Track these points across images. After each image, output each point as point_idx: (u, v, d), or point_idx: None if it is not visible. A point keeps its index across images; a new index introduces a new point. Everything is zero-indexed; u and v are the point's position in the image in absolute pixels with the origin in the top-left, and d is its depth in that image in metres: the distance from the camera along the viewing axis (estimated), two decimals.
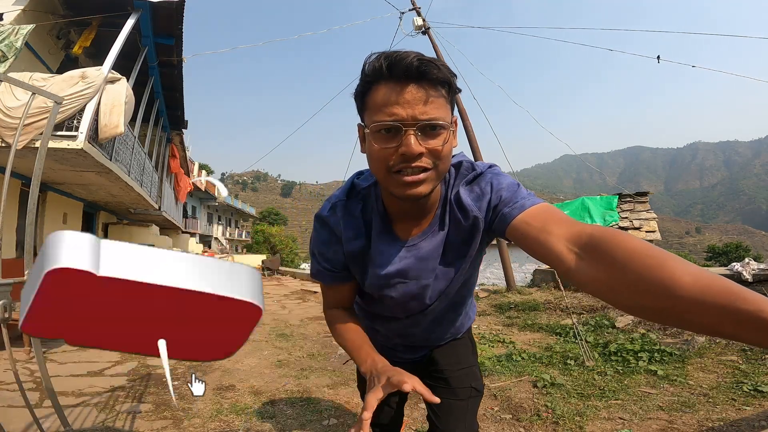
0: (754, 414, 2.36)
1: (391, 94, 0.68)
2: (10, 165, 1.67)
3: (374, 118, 0.70)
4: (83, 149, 4.25)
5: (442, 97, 0.70)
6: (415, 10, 8.89)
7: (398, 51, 0.68)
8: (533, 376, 3.20)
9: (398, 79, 0.67)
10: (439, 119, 0.68)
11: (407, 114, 0.67)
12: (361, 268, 0.93)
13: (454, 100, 0.75)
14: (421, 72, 0.66)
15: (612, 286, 0.54)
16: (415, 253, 0.87)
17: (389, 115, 0.68)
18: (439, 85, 0.69)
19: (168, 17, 5.89)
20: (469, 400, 1.14)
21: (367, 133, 0.73)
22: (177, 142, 11.22)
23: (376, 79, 0.70)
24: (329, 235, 0.91)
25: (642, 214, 8.54)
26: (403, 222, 0.87)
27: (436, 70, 0.67)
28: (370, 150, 0.73)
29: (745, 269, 4.65)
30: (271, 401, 2.90)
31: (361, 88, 0.73)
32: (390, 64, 0.67)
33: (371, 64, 0.70)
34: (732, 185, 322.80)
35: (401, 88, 0.67)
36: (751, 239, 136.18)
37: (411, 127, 0.67)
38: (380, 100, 0.69)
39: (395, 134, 0.69)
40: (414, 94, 0.67)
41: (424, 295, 0.94)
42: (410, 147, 0.67)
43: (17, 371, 1.59)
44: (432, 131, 0.69)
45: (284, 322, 6.02)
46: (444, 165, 0.73)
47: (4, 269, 1.54)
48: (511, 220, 0.74)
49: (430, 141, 0.69)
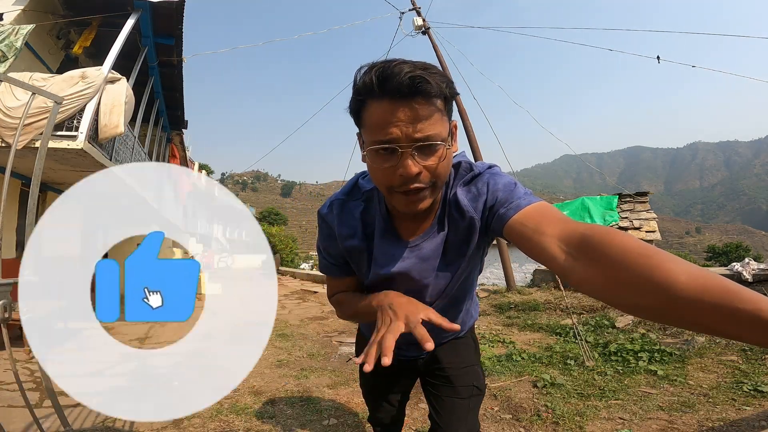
0: (754, 414, 2.36)
1: (384, 114, 0.67)
2: (10, 165, 1.67)
3: (371, 138, 0.70)
4: (83, 149, 4.25)
5: (438, 111, 0.68)
6: (415, 10, 8.90)
7: (389, 63, 0.66)
8: (533, 376, 3.20)
9: (391, 96, 0.66)
10: (435, 136, 0.68)
11: (402, 134, 0.66)
12: (359, 266, 0.95)
13: (452, 106, 0.74)
14: (414, 89, 0.64)
15: (607, 286, 0.54)
16: (417, 253, 0.89)
17: (385, 135, 0.67)
18: (434, 99, 0.67)
19: (168, 17, 5.89)
20: (471, 399, 1.14)
21: (365, 152, 0.73)
22: (177, 142, 11.23)
23: (369, 96, 0.68)
24: (329, 231, 0.94)
25: (642, 214, 8.54)
26: (406, 223, 0.89)
27: (428, 86, 0.65)
28: (371, 168, 0.74)
29: (745, 269, 4.65)
30: (271, 401, 2.90)
31: (354, 105, 0.73)
32: (381, 80, 0.65)
33: (362, 79, 0.68)
34: (732, 185, 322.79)
35: (394, 107, 0.66)
36: (751, 239, 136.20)
37: (407, 148, 0.67)
38: (374, 120, 0.69)
39: (392, 154, 0.69)
40: (407, 114, 0.66)
41: (424, 294, 0.94)
42: (408, 169, 0.68)
43: (17, 371, 1.59)
44: (428, 149, 0.69)
45: (284, 322, 6.02)
46: (442, 179, 0.74)
47: (4, 269, 1.55)
48: (507, 221, 0.75)
49: (428, 159, 0.69)
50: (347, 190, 0.93)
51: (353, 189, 0.93)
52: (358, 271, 0.97)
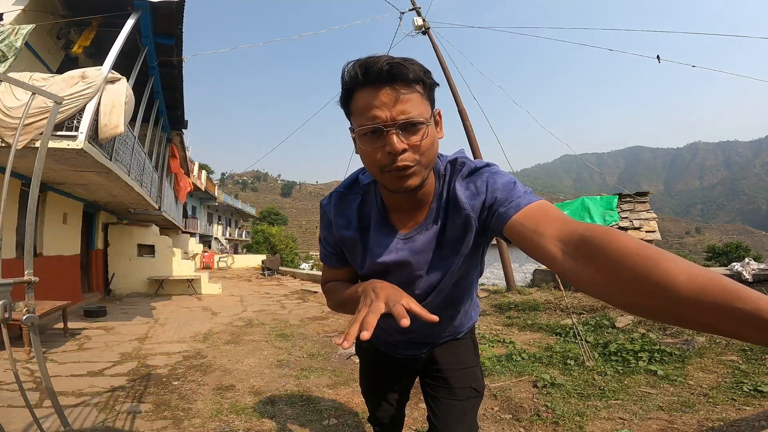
0: (754, 414, 2.36)
1: (369, 99, 0.73)
2: (10, 165, 1.67)
3: (358, 123, 0.77)
4: (83, 149, 4.24)
5: (417, 93, 0.74)
6: (415, 10, 8.89)
7: (371, 57, 0.73)
8: (533, 376, 3.20)
9: (373, 83, 0.72)
10: (416, 116, 0.73)
11: (386, 116, 0.72)
12: (354, 256, 0.99)
13: (432, 94, 0.79)
14: (392, 75, 0.71)
15: (607, 286, 0.54)
16: (410, 245, 0.91)
17: (370, 119, 0.73)
18: (412, 83, 0.73)
19: (168, 17, 5.89)
20: (469, 401, 1.14)
21: (355, 137, 0.79)
22: (177, 142, 11.22)
23: (354, 86, 0.75)
24: (327, 221, 0.99)
25: (642, 214, 8.53)
26: (400, 215, 0.92)
27: (405, 70, 0.71)
28: (361, 152, 0.79)
29: (745, 269, 4.65)
30: (271, 401, 2.90)
31: (343, 97, 0.79)
32: (364, 70, 0.72)
33: (348, 73, 0.75)
34: (732, 185, 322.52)
35: (377, 91, 0.73)
36: (751, 239, 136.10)
37: (391, 127, 0.73)
38: (361, 106, 0.75)
39: (379, 135, 0.74)
40: (390, 96, 0.72)
41: (415, 286, 0.95)
42: (393, 146, 0.73)
43: (17, 371, 1.59)
44: (412, 128, 0.74)
45: (284, 322, 6.02)
46: (428, 156, 0.78)
47: (4, 269, 1.55)
48: (507, 221, 0.75)
49: (411, 137, 0.74)
50: (348, 184, 0.98)
51: (353, 183, 0.98)
52: (353, 261, 1.00)
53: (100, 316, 6.34)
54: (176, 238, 14.29)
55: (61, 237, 6.80)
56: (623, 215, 8.54)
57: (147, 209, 8.78)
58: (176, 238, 14.29)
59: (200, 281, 9.81)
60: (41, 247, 6.09)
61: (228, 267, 18.38)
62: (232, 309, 7.34)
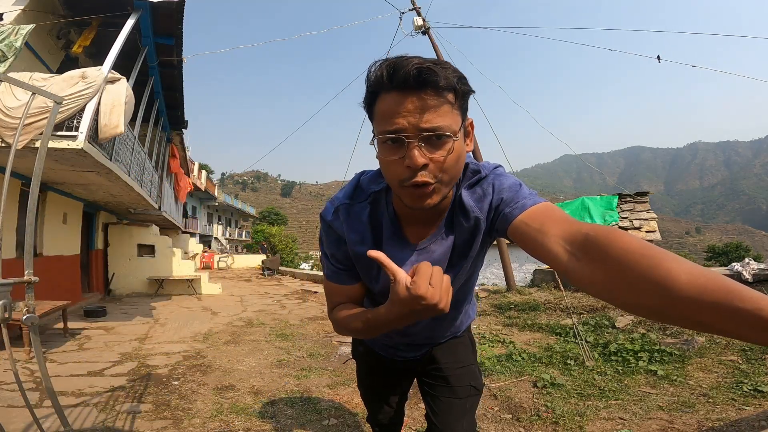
0: (754, 414, 2.36)
1: (393, 105, 0.67)
2: (10, 165, 1.67)
3: (379, 129, 0.70)
4: (83, 149, 4.24)
5: (447, 104, 0.67)
6: (415, 10, 8.89)
7: (400, 58, 0.67)
8: (533, 376, 3.20)
9: (399, 87, 0.66)
10: (443, 128, 0.66)
11: (409, 124, 0.66)
12: (368, 272, 0.92)
13: (465, 103, 0.72)
14: (421, 81, 0.64)
15: (609, 286, 0.54)
16: (426, 256, 0.87)
17: (392, 125, 0.67)
18: (443, 91, 0.67)
19: (168, 17, 5.88)
20: (468, 399, 1.14)
21: (375, 143, 0.73)
22: (177, 142, 11.21)
23: (379, 89, 0.69)
24: (337, 238, 0.91)
25: (642, 214, 8.54)
26: (414, 226, 0.88)
27: (436, 76, 0.64)
28: (381, 161, 0.74)
29: (745, 269, 4.65)
30: (271, 401, 2.90)
31: (367, 98, 0.73)
32: (390, 72, 0.66)
33: (374, 73, 0.69)
34: (732, 185, 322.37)
35: (402, 97, 0.66)
36: (751, 239, 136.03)
37: (414, 139, 0.66)
38: (384, 111, 0.69)
39: (400, 146, 0.68)
40: (416, 104, 0.66)
41: None
42: (414, 159, 0.67)
43: (17, 371, 1.59)
44: (437, 141, 0.67)
45: (284, 322, 6.02)
46: (450, 174, 0.72)
47: (4, 269, 1.54)
48: (512, 221, 0.75)
49: (435, 152, 0.68)
50: (350, 193, 0.91)
51: (356, 191, 0.91)
52: (365, 277, 0.94)
53: (100, 316, 6.35)
54: (176, 238, 14.30)
55: (61, 237, 6.80)
56: (623, 215, 8.54)
57: (147, 209, 8.78)
58: (176, 238, 14.30)
59: (200, 281, 9.81)
60: (41, 247, 6.09)
61: (228, 267, 18.38)
62: (232, 309, 7.34)
